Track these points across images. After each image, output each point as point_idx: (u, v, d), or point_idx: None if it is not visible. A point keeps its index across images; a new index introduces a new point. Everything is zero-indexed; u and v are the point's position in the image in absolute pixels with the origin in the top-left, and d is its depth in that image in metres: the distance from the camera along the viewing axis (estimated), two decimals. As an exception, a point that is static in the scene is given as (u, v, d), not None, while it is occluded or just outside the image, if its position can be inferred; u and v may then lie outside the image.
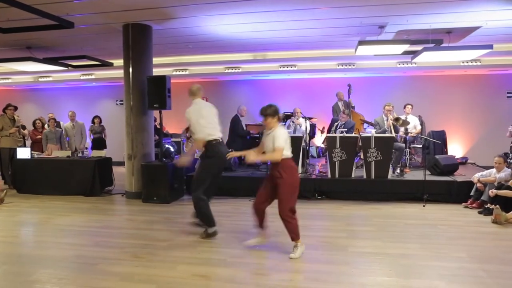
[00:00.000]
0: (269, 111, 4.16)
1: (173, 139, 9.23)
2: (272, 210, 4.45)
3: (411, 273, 3.70)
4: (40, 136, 9.30)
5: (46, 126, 9.94)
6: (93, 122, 10.60)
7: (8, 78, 12.44)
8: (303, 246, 4.21)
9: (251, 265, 3.99)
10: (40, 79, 12.46)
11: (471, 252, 4.24)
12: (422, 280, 3.54)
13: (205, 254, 4.30)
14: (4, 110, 8.65)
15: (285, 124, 9.13)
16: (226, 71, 11.11)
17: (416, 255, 4.16)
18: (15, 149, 8.24)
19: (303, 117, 8.43)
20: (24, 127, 9.63)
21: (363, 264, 3.94)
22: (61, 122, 10.66)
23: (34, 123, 9.39)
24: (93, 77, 12.04)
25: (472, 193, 6.33)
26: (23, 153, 8.07)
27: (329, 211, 6.28)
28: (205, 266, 3.93)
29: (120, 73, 7.68)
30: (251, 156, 4.15)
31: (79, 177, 7.62)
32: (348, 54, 9.14)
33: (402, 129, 7.80)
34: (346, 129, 7.81)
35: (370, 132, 7.76)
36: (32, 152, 8.26)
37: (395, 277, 3.62)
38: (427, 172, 7.04)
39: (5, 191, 7.22)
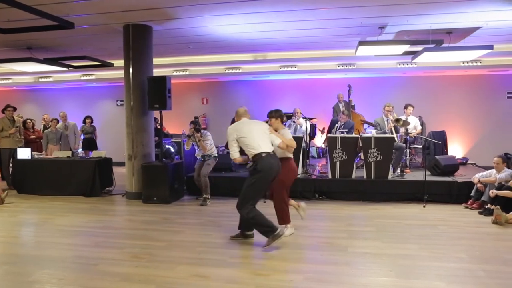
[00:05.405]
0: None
1: (173, 140, 9.20)
2: (267, 210, 4.46)
3: (411, 274, 3.70)
4: (33, 136, 9.30)
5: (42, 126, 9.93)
6: (84, 122, 10.57)
7: (8, 79, 12.45)
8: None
9: (251, 266, 3.99)
10: (40, 80, 12.47)
11: (471, 253, 4.23)
12: (422, 281, 3.53)
13: (205, 254, 4.30)
14: (3, 111, 8.66)
15: (285, 125, 9.12)
16: (227, 71, 11.11)
17: (416, 256, 4.16)
18: (15, 149, 8.25)
19: (303, 118, 8.42)
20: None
21: (363, 265, 3.94)
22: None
23: (24, 123, 9.33)
24: (93, 77, 12.05)
25: (472, 194, 6.32)
26: (24, 153, 8.08)
27: (330, 212, 6.27)
28: (205, 267, 3.93)
29: (120, 73, 7.68)
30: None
31: (79, 178, 7.62)
32: (349, 55, 9.14)
33: (402, 129, 7.80)
34: (346, 130, 7.81)
35: (371, 132, 7.76)
36: (32, 152, 8.26)
37: (395, 278, 3.61)
38: (428, 173, 7.04)
39: (6, 191, 7.23)
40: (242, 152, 4.53)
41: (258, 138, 4.43)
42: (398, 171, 7.31)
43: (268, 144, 4.48)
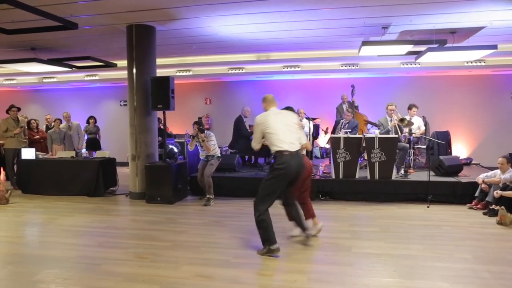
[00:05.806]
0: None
1: (176, 140, 9.23)
2: (276, 211, 4.46)
3: (414, 274, 3.69)
4: (37, 136, 9.34)
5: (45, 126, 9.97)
6: (88, 122, 10.60)
7: (13, 79, 12.52)
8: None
9: (255, 266, 3.99)
10: (44, 80, 12.52)
11: (476, 253, 4.21)
12: (426, 281, 3.53)
13: (208, 254, 4.30)
14: (7, 112, 8.70)
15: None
16: (230, 72, 11.11)
17: (420, 256, 4.15)
18: (20, 150, 8.28)
19: (306, 118, 8.42)
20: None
21: (366, 265, 3.93)
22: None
23: (29, 124, 9.36)
24: (97, 78, 12.09)
25: (476, 194, 6.29)
26: (28, 153, 8.11)
27: (333, 212, 6.26)
28: (209, 267, 3.93)
29: (124, 74, 7.71)
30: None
31: (83, 178, 7.65)
32: (352, 55, 9.13)
33: (406, 129, 7.78)
34: (350, 129, 7.80)
35: (374, 132, 7.75)
36: (37, 152, 8.30)
37: (399, 278, 3.60)
38: (431, 173, 7.01)
39: (9, 191, 7.25)
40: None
41: (281, 133, 4.19)
42: (402, 171, 7.29)
43: (292, 140, 4.21)
